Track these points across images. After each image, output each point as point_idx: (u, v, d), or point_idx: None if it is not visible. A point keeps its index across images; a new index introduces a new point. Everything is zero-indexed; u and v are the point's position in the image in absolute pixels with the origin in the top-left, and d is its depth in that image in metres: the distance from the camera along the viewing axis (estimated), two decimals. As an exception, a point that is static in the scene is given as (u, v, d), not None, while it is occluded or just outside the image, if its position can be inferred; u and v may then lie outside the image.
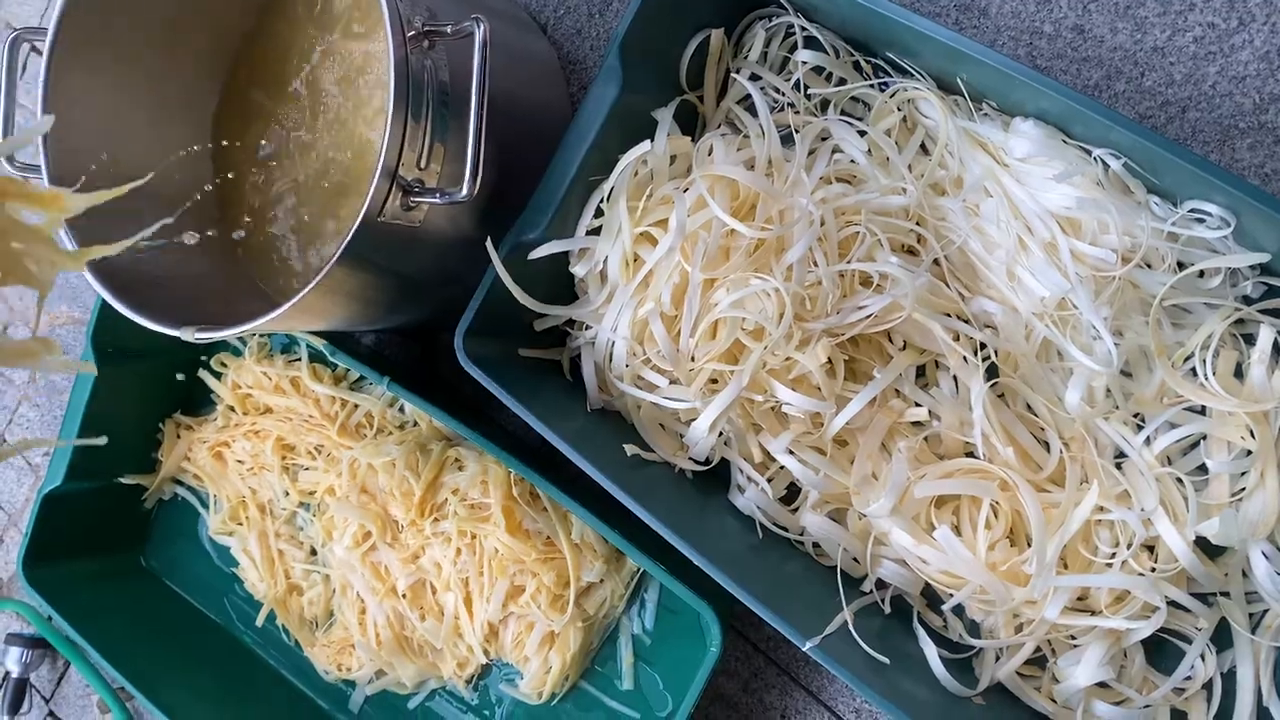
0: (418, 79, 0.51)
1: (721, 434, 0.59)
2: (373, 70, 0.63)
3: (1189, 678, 0.54)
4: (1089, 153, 0.53)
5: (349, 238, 0.51)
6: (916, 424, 0.58)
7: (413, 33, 0.51)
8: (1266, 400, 0.51)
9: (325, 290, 0.53)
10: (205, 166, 0.70)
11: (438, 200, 0.52)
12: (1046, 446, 0.56)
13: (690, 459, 0.61)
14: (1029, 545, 0.54)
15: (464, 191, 0.50)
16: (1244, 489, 0.52)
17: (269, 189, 0.68)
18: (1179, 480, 0.53)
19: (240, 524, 0.80)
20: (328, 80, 0.65)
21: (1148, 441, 0.54)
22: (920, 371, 0.60)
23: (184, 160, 0.69)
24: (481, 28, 0.50)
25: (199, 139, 0.69)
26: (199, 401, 0.83)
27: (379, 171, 0.50)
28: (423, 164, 0.53)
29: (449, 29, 0.52)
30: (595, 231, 0.60)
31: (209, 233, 0.67)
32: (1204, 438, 0.54)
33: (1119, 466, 0.54)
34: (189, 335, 0.56)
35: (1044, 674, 0.57)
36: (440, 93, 0.53)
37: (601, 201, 0.59)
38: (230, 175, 0.69)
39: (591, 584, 0.67)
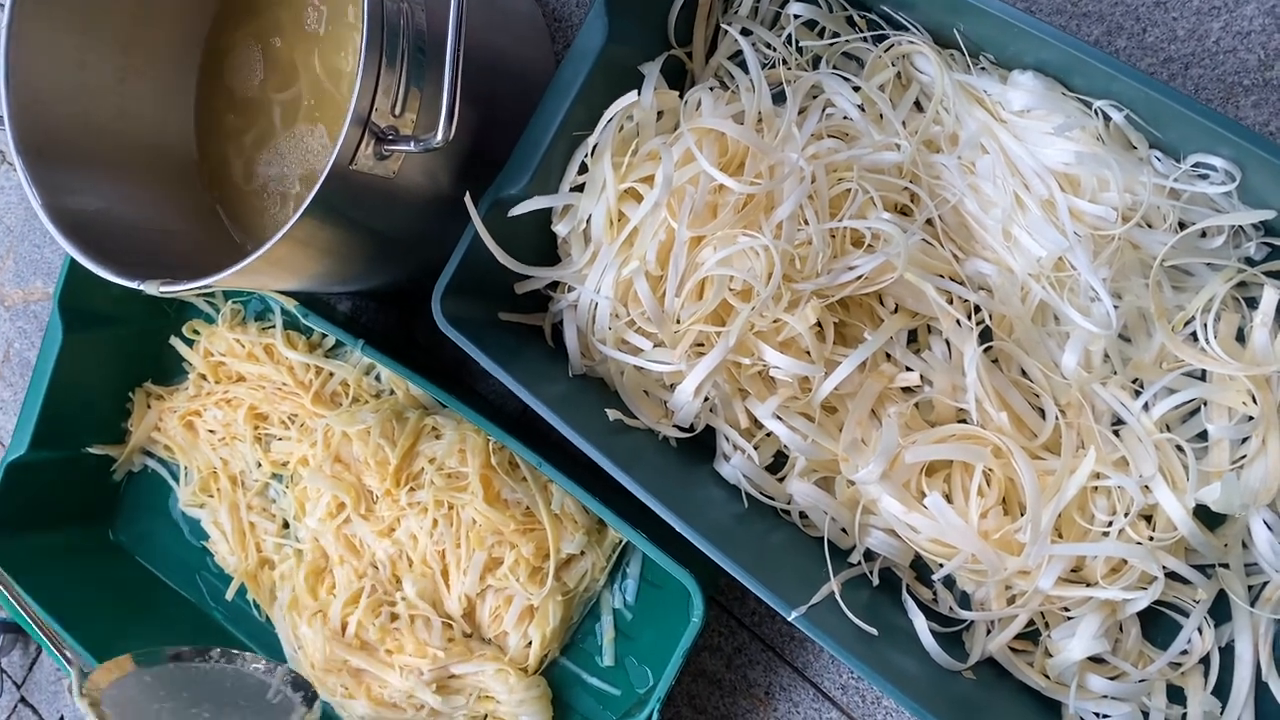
0: (393, 22, 0.49)
1: (707, 399, 0.57)
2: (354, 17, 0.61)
3: (1186, 651, 0.52)
4: (1089, 105, 0.51)
5: (318, 186, 0.49)
6: (907, 389, 0.56)
7: (388, -27, 0.49)
8: (1269, 364, 0.50)
9: (295, 243, 0.51)
10: (183, 118, 0.68)
11: (411, 148, 0.49)
12: (1042, 413, 0.54)
13: (675, 425, 0.59)
14: (1023, 513, 0.53)
15: (439, 135, 0.48)
16: (1245, 456, 0.51)
17: (248, 141, 0.66)
18: (1178, 447, 0.51)
19: (211, 496, 0.77)
20: (311, 27, 0.63)
21: (1146, 407, 0.52)
22: (912, 335, 0.58)
23: (161, 111, 0.67)
24: (459, -33, 0.48)
25: (177, 88, 0.67)
26: (170, 370, 0.81)
27: (350, 117, 0.48)
28: (397, 111, 0.50)
29: (425, -31, 0.50)
30: (579, 188, 0.58)
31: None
32: (1204, 403, 0.52)
33: (1116, 433, 0.53)
34: (153, 289, 0.53)
35: (1037, 648, 0.55)
36: (417, 38, 0.51)
37: (585, 157, 0.57)
38: (208, 128, 0.67)
39: (572, 556, 0.65)
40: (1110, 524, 0.51)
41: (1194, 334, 0.52)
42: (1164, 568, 0.51)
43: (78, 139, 0.61)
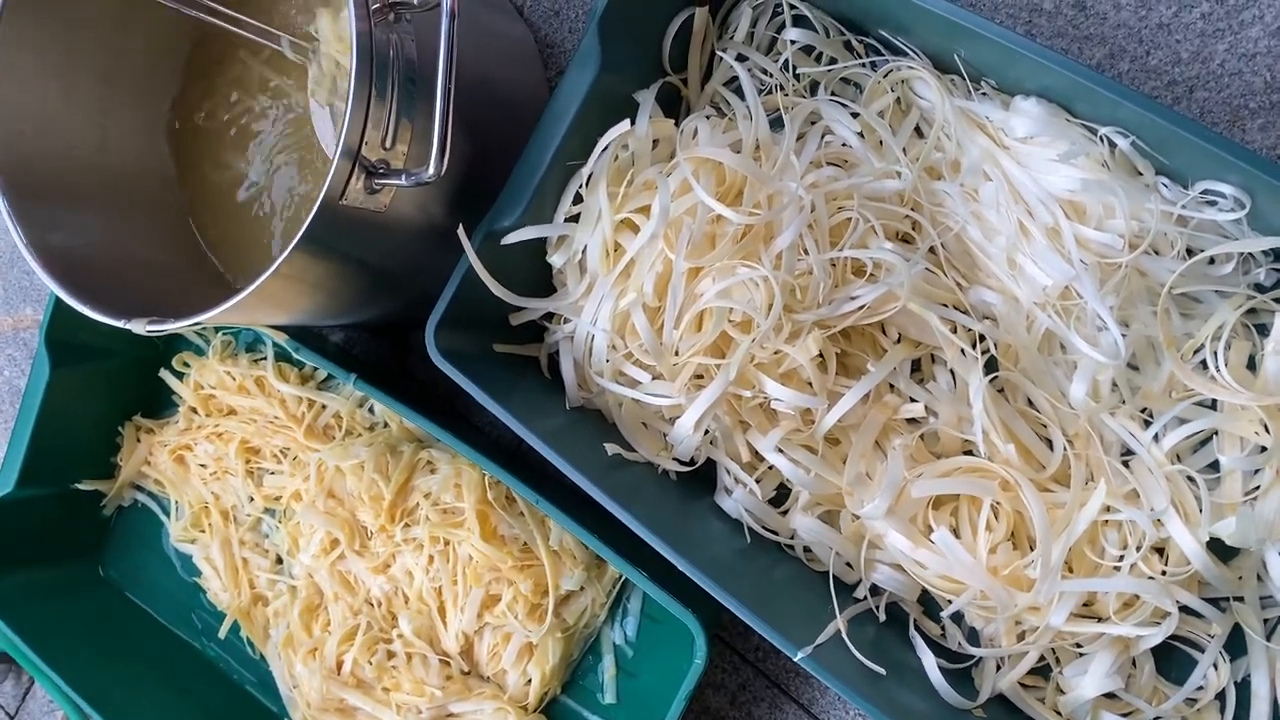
0: (382, 54, 0.48)
1: (707, 432, 0.56)
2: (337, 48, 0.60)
3: (1201, 687, 0.51)
4: (1094, 132, 0.50)
5: (308, 222, 0.48)
6: (912, 421, 0.55)
7: (377, 4, 0.48)
8: (1281, 393, 0.49)
9: (285, 278, 0.50)
10: (163, 150, 0.67)
11: (403, 182, 0.48)
12: (1049, 444, 0.53)
13: (674, 459, 0.58)
14: (1032, 548, 0.52)
15: (430, 171, 0.47)
16: (1258, 487, 0.50)
17: (231, 174, 0.65)
18: (1190, 478, 0.50)
19: (203, 531, 0.76)
20: (292, 60, 0.62)
21: (1156, 438, 0.51)
22: (916, 365, 0.57)
23: (145, 144, 0.66)
24: (449, -3, 0.47)
25: (160, 121, 0.66)
26: (160, 403, 0.80)
27: (339, 151, 0.47)
28: (388, 144, 0.49)
29: (415, 0, 0.49)
30: (574, 219, 0.57)
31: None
32: (1216, 433, 0.51)
33: (1126, 464, 0.52)
34: (140, 327, 0.52)
35: (1048, 684, 0.54)
36: (407, 69, 0.50)
37: (580, 187, 0.56)
38: (191, 161, 0.66)
39: (571, 592, 0.64)
40: (1122, 558, 0.50)
41: (1204, 362, 0.51)
42: (1177, 602, 0.50)
43: (61, 173, 0.60)
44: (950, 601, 0.53)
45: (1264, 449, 0.49)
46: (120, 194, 0.64)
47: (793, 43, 0.58)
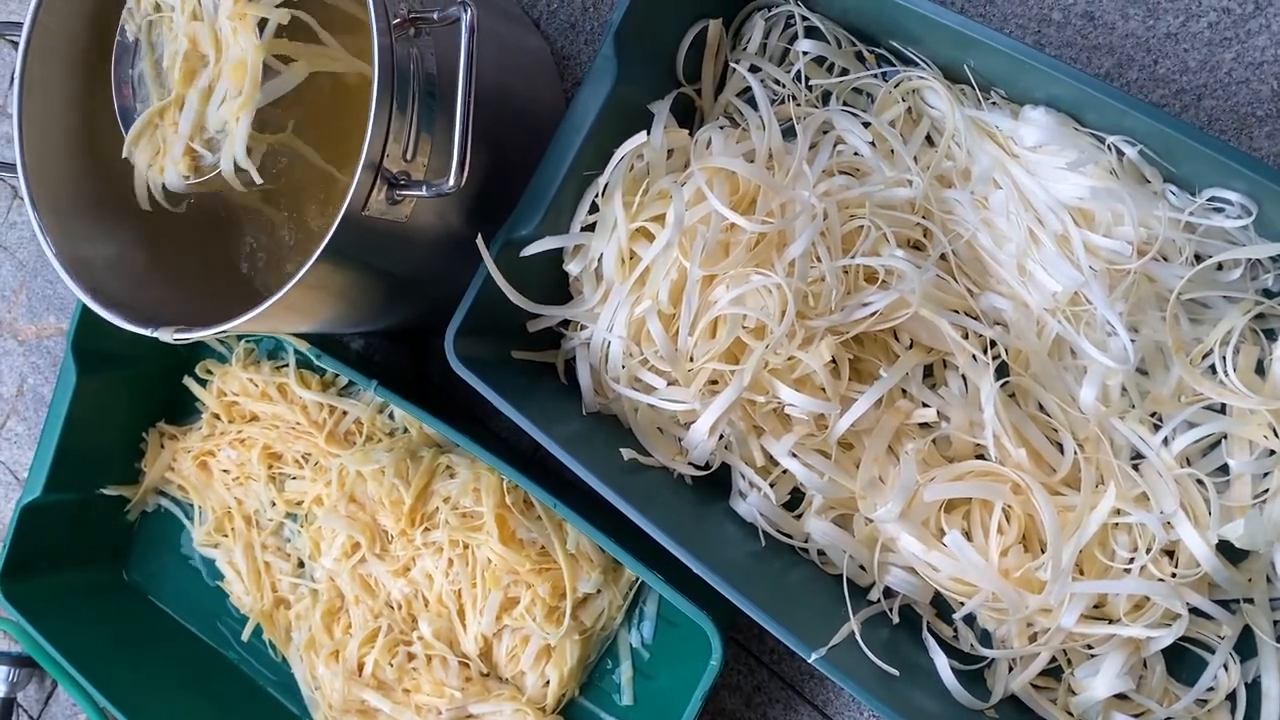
0: (403, 68, 0.49)
1: (722, 437, 0.57)
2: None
3: (1212, 688, 0.52)
4: (1102, 140, 0.51)
5: (332, 233, 0.49)
6: (925, 425, 0.56)
7: (398, 20, 0.49)
8: (1290, 397, 0.49)
9: (309, 288, 0.51)
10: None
11: (424, 193, 0.50)
12: (1060, 448, 0.54)
13: (690, 464, 0.58)
14: (1043, 551, 0.52)
15: (450, 182, 0.48)
16: (1267, 490, 0.50)
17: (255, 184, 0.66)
18: (1199, 481, 0.51)
19: (225, 536, 0.77)
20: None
21: (1166, 442, 0.52)
22: (928, 371, 0.57)
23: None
24: (469, 12, 0.48)
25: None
26: (184, 410, 0.81)
27: (362, 163, 0.48)
28: (409, 156, 0.51)
29: (435, 15, 0.50)
30: (590, 228, 0.58)
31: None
32: (1225, 437, 0.52)
33: (1136, 468, 0.52)
34: (167, 336, 0.53)
35: (1060, 685, 0.54)
36: (427, 83, 0.51)
37: (596, 197, 0.57)
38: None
39: (588, 595, 0.65)
40: (1132, 560, 0.51)
41: (1212, 367, 0.51)
42: (1187, 604, 0.50)
43: (90, 186, 0.61)
44: (963, 603, 0.53)
45: (1273, 452, 0.50)
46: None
47: (805, 54, 0.59)
